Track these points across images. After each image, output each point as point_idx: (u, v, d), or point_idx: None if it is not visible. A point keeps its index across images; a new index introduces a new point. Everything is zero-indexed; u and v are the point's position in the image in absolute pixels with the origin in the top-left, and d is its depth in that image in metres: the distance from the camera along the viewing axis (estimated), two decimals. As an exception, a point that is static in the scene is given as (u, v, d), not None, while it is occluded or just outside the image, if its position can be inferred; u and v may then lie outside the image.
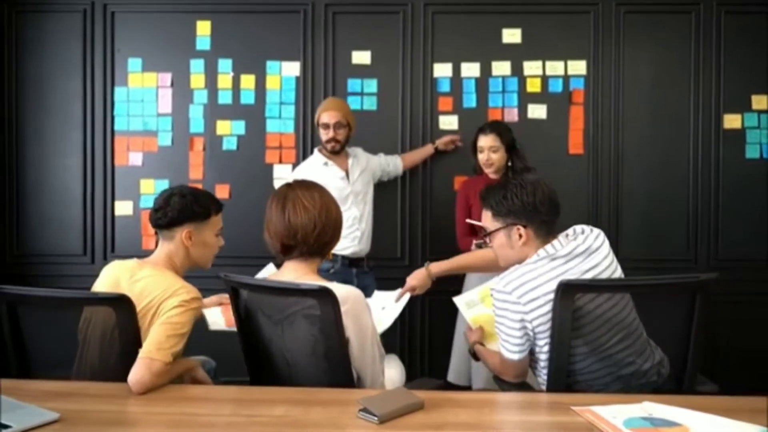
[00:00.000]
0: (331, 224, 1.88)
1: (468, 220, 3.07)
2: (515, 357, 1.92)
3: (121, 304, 1.80)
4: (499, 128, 3.22)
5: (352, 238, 3.25)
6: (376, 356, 1.86)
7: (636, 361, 1.86)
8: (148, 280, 1.98)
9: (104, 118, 3.77)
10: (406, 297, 2.49)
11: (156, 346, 1.76)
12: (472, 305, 2.43)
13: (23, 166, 3.79)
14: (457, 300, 2.48)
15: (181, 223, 2.06)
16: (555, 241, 1.92)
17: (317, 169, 3.21)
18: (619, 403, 1.57)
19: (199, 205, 2.08)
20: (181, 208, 2.05)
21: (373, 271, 3.36)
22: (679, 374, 1.88)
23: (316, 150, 3.35)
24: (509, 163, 3.20)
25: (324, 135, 3.24)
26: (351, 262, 3.26)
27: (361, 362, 1.82)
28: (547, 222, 1.94)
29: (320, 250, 1.89)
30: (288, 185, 1.93)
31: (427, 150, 3.65)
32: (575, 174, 3.66)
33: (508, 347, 1.93)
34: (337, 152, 3.26)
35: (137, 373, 1.71)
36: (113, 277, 2.04)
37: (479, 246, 2.84)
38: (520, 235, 1.93)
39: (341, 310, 1.72)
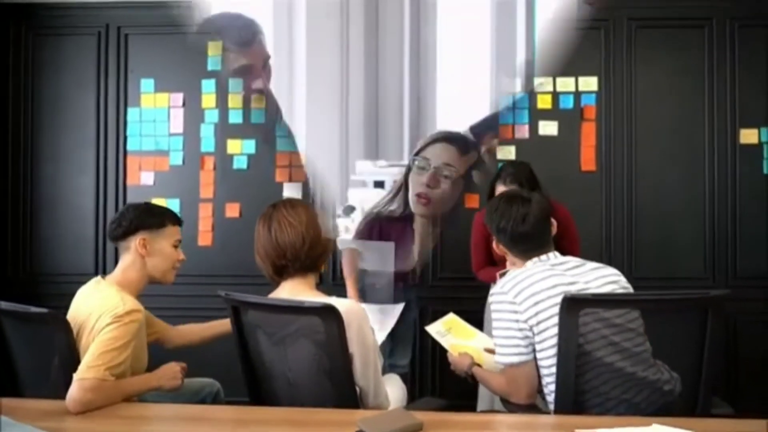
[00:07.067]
0: (320, 238, 1.87)
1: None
2: (515, 360, 1.87)
3: (56, 322, 1.85)
4: (521, 177, 2.78)
5: None
6: (378, 368, 1.84)
7: (645, 371, 1.80)
8: (93, 297, 1.99)
9: (117, 137, 3.81)
10: (399, 307, 2.46)
11: (87, 365, 1.76)
12: (442, 335, 2.42)
13: (37, 184, 3.83)
14: (430, 329, 2.45)
15: (134, 231, 2.06)
16: (545, 255, 2.00)
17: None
18: (628, 426, 1.52)
19: (152, 214, 2.09)
20: (134, 217, 2.07)
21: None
22: (694, 395, 1.82)
23: None
24: None
25: None
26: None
27: (364, 376, 1.79)
28: (521, 239, 2.00)
29: (313, 265, 1.89)
30: (272, 205, 1.93)
31: None
32: (588, 191, 3.60)
33: (506, 351, 1.88)
34: None
35: (70, 394, 1.71)
36: (77, 299, 2.06)
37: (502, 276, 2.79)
38: (502, 249, 2.08)
39: (345, 326, 1.69)
